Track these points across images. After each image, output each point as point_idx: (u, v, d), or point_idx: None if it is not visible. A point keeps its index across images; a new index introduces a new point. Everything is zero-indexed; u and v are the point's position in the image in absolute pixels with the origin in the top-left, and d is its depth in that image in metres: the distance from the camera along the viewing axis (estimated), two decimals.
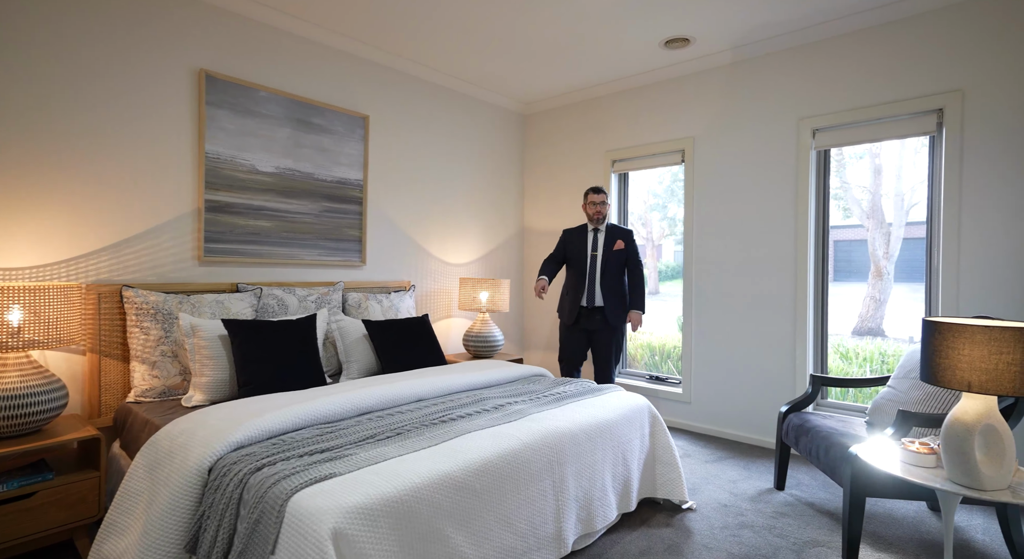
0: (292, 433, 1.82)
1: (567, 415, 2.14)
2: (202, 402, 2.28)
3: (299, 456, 1.60)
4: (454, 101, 4.11)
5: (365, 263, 3.52)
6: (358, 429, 1.86)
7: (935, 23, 2.83)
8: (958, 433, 1.52)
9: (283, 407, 1.93)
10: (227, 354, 2.37)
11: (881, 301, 5.82)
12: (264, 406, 1.97)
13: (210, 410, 1.93)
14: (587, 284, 3.39)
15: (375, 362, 2.92)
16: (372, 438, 1.78)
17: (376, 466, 1.54)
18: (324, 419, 1.95)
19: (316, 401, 1.99)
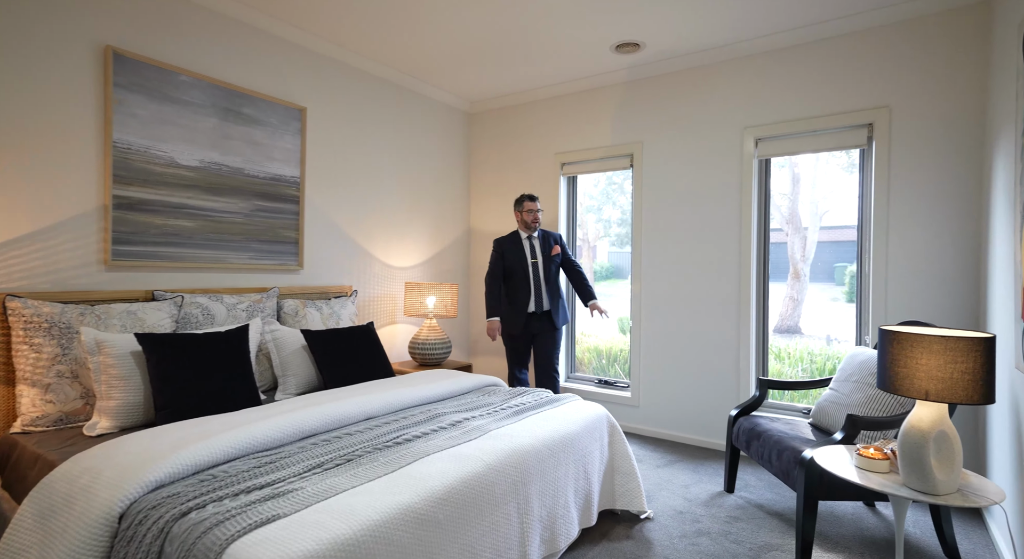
0: (224, 465, 1.59)
1: (529, 430, 2.03)
2: (110, 430, 1.98)
3: (234, 495, 1.39)
4: (398, 96, 3.91)
5: (303, 267, 3.26)
6: (303, 457, 1.67)
7: (864, 42, 2.99)
8: (915, 440, 1.56)
9: (212, 434, 1.70)
10: (141, 373, 2.07)
11: (799, 301, 6.21)
12: (188, 434, 1.72)
13: (121, 441, 1.66)
14: (533, 291, 3.50)
15: (315, 376, 2.69)
16: (320, 467, 1.59)
17: (327, 502, 1.36)
18: (262, 446, 1.73)
19: (252, 426, 1.77)
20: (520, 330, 3.50)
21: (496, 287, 3.55)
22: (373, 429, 1.96)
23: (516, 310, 3.51)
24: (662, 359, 3.67)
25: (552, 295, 3.53)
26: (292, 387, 2.60)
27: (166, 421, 1.98)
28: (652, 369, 3.71)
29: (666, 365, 3.65)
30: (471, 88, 4.15)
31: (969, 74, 2.72)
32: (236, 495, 1.39)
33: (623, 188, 5.35)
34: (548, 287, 3.52)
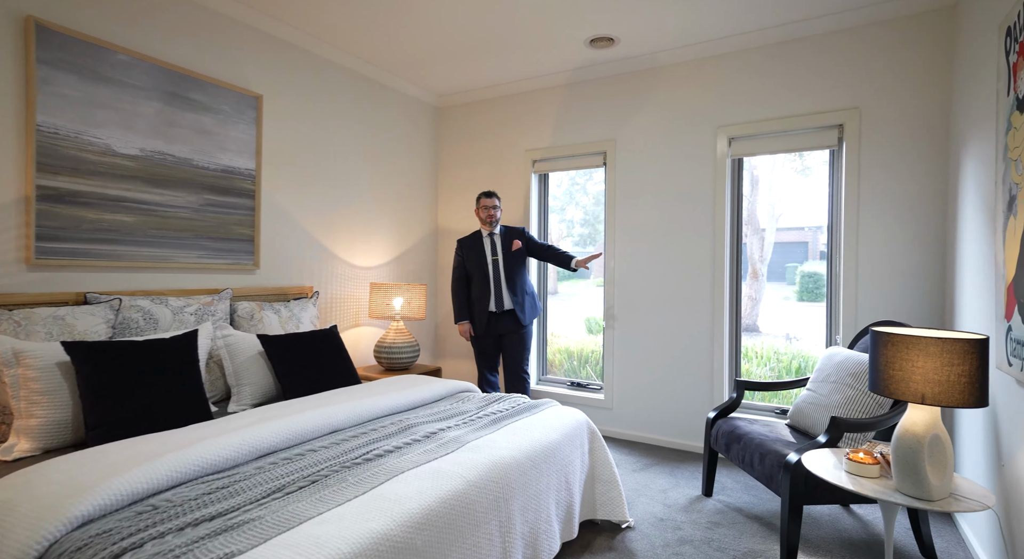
0: (168, 493, 1.39)
1: (509, 440, 1.91)
2: (30, 453, 1.73)
3: (179, 529, 1.21)
4: (363, 87, 3.71)
5: (259, 266, 3.02)
6: (260, 479, 1.48)
7: (834, 44, 3.00)
8: (910, 445, 1.52)
9: (154, 456, 1.49)
10: (69, 387, 1.83)
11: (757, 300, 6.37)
12: (125, 456, 1.51)
13: (43, 467, 1.44)
14: (493, 289, 3.41)
15: (274, 385, 2.48)
16: (280, 491, 1.42)
17: (290, 534, 1.19)
18: (213, 468, 1.53)
19: (201, 445, 1.57)
20: (483, 330, 3.42)
21: (460, 290, 3.51)
22: (340, 444, 1.79)
23: (478, 310, 3.45)
24: (636, 360, 3.61)
25: (515, 292, 3.42)
26: (247, 397, 2.38)
27: (99, 442, 1.75)
28: (626, 370, 3.65)
29: (640, 366, 3.60)
30: (440, 81, 3.99)
31: (934, 77, 2.77)
32: (182, 529, 1.21)
33: (586, 189, 5.31)
34: (509, 284, 3.42)
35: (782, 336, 5.51)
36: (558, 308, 5.17)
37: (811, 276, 6.60)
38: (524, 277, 3.50)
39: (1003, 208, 1.71)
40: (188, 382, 2.04)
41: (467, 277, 3.54)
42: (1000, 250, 1.74)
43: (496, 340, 3.50)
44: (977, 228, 2.16)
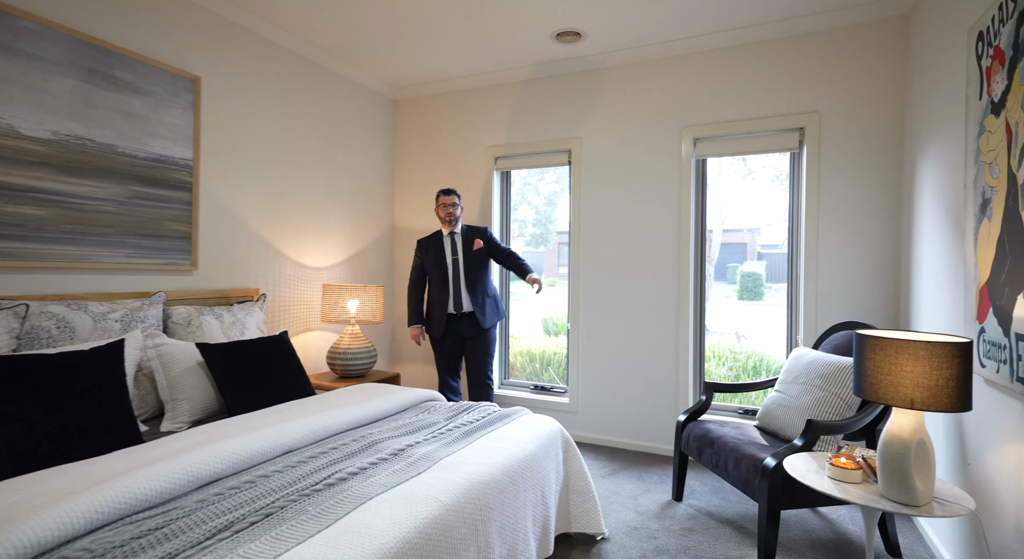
0: (87, 539, 1.16)
1: (485, 455, 1.77)
2: None
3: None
4: (314, 75, 3.46)
5: (197, 267, 2.73)
6: (204, 515, 1.27)
7: (796, 48, 3.04)
8: (897, 451, 1.50)
9: (69, 494, 1.25)
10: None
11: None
12: (32, 496, 1.26)
13: None
14: (452, 290, 3.28)
15: (216, 399, 2.22)
16: (228, 529, 1.22)
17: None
18: (144, 504, 1.31)
19: (130, 476, 1.34)
20: (442, 333, 3.29)
21: (415, 292, 3.39)
22: (296, 467, 1.59)
23: (436, 312, 3.31)
24: (600, 362, 3.55)
25: (475, 294, 3.29)
26: (184, 414, 2.12)
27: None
28: (590, 373, 3.59)
29: (605, 368, 3.54)
30: (397, 72, 3.78)
31: (890, 83, 2.85)
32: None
33: (538, 189, 5.24)
34: (469, 285, 3.29)
35: (730, 334, 5.64)
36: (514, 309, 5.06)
37: (750, 276, 6.82)
38: (486, 279, 3.38)
39: (974, 211, 1.73)
40: (112, 400, 1.77)
41: (425, 278, 3.41)
42: (971, 252, 1.76)
43: (458, 344, 3.36)
44: (937, 231, 2.21)
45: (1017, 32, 1.46)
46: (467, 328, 3.31)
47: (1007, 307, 1.50)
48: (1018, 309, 1.44)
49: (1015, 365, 1.45)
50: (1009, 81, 1.50)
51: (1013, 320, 1.46)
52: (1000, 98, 1.56)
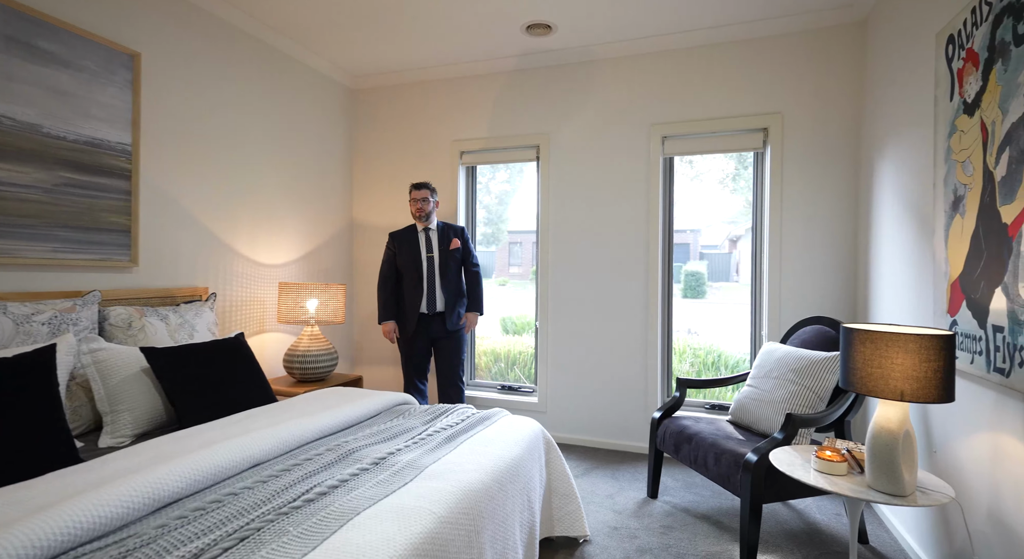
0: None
1: (472, 461, 1.67)
2: None
3: None
4: (267, 58, 3.23)
5: (137, 263, 2.47)
6: (167, 543, 1.11)
7: (760, 51, 3.12)
8: (887, 442, 1.53)
9: (1, 527, 1.06)
10: None
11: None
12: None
13: None
14: (426, 289, 3.16)
15: (163, 410, 2.01)
16: (199, 558, 1.07)
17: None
18: (91, 534, 1.13)
19: (70, 503, 1.15)
20: (412, 333, 3.16)
21: (387, 287, 3.22)
22: (268, 482, 1.44)
23: (408, 311, 3.18)
24: (569, 360, 3.52)
25: (450, 294, 3.18)
26: (126, 427, 1.89)
27: None
28: (559, 371, 3.54)
29: (573, 367, 3.51)
30: (356, 60, 3.60)
31: (848, 86, 2.96)
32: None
33: (489, 188, 5.18)
34: (444, 285, 3.17)
35: (681, 331, 5.78)
36: None
37: (693, 275, 7.05)
38: (461, 279, 3.27)
39: (945, 208, 1.80)
40: (44, 414, 1.55)
41: (397, 274, 3.25)
42: (941, 248, 1.83)
43: (428, 344, 3.23)
44: (899, 228, 2.30)
45: (993, 35, 1.52)
46: (439, 328, 3.19)
47: (983, 301, 1.55)
48: (995, 302, 1.49)
49: (992, 356, 1.51)
50: (984, 82, 1.56)
51: (990, 313, 1.52)
52: (974, 99, 1.62)
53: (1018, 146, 1.39)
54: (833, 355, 2.28)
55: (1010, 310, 1.42)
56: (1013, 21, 1.42)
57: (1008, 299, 1.42)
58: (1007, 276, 1.43)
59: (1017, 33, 1.40)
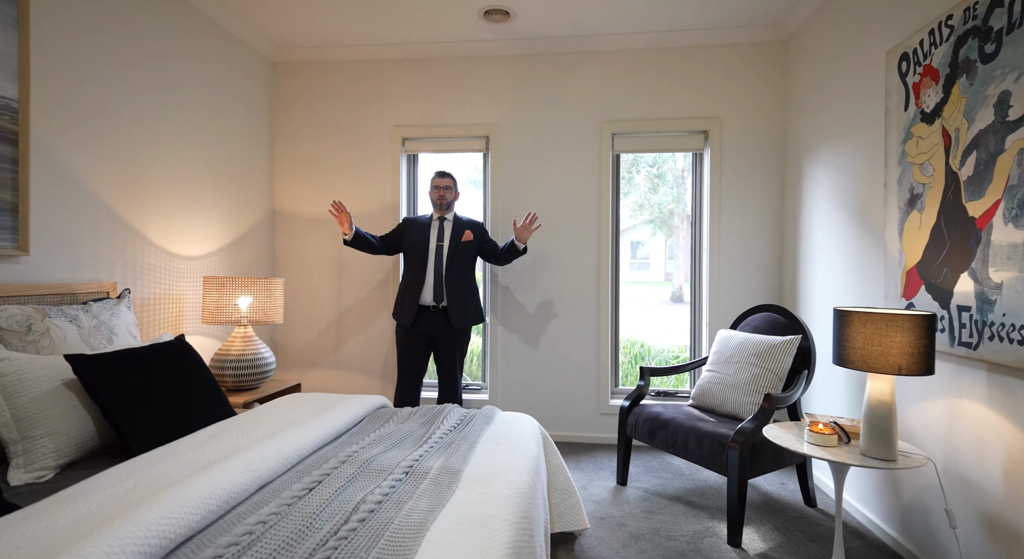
0: None
1: (507, 463, 1.55)
2: None
3: None
4: (184, 14, 2.75)
5: (27, 251, 1.95)
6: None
7: (702, 58, 3.33)
8: (882, 414, 1.69)
9: None
10: None
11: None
12: None
13: None
14: (432, 279, 2.92)
15: (94, 432, 1.60)
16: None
17: None
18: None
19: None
20: (411, 322, 2.89)
21: (372, 236, 3.03)
22: (294, 504, 1.20)
23: (408, 299, 2.92)
24: (520, 356, 3.47)
25: (455, 289, 2.91)
26: (47, 456, 1.48)
27: None
28: (509, 367, 3.48)
29: (524, 362, 3.47)
30: (283, 28, 3.21)
31: (774, 96, 3.27)
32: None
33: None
34: (450, 277, 2.91)
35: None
36: None
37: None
38: (470, 275, 3.02)
39: (900, 205, 2.05)
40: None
41: (390, 245, 3.06)
42: (894, 240, 2.08)
43: (426, 346, 2.96)
44: (838, 222, 2.59)
45: (955, 53, 1.76)
46: (439, 326, 2.92)
47: (946, 285, 1.79)
48: (960, 286, 1.72)
49: (957, 332, 1.74)
50: (946, 94, 1.80)
51: (954, 295, 1.75)
52: (934, 108, 1.86)
53: (987, 149, 1.62)
54: (789, 338, 2.49)
55: (978, 291, 1.65)
56: (979, 42, 1.65)
57: (976, 282, 1.65)
58: (975, 263, 1.66)
59: (984, 53, 1.63)
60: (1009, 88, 1.54)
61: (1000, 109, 1.57)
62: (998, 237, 1.58)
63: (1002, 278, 1.56)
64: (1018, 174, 1.51)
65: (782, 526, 2.29)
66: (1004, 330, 1.55)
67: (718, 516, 2.38)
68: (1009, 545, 1.57)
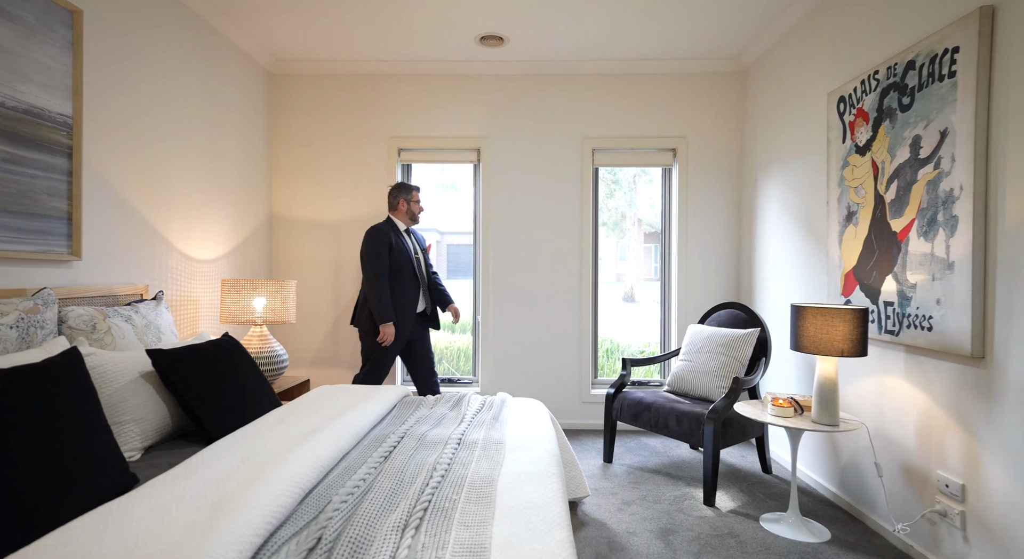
0: None
1: (535, 434, 1.86)
2: None
3: None
4: (192, 25, 2.90)
5: (80, 256, 2.10)
6: (360, 523, 1.14)
7: (671, 84, 3.75)
8: (829, 388, 2.12)
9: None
10: None
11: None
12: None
13: None
14: (422, 288, 3.19)
15: (169, 419, 1.80)
16: (406, 528, 1.12)
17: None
18: (271, 529, 1.10)
19: (225, 522, 1.10)
20: (405, 334, 3.10)
21: (387, 283, 3.00)
22: (380, 469, 1.47)
23: (406, 312, 3.08)
24: (507, 352, 3.78)
25: (434, 292, 3.31)
26: (135, 439, 1.68)
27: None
28: (498, 362, 3.79)
29: (512, 357, 3.78)
30: (281, 40, 3.38)
31: (731, 121, 3.73)
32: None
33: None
34: (429, 284, 3.27)
35: None
36: None
37: None
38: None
39: (839, 220, 2.50)
40: (88, 431, 1.34)
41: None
42: (835, 248, 2.53)
43: (404, 345, 3.19)
44: (788, 233, 3.05)
45: (881, 101, 2.21)
46: (418, 329, 3.21)
47: (875, 285, 2.24)
48: (886, 286, 2.17)
49: (883, 322, 2.19)
50: (874, 133, 2.25)
51: (881, 293, 2.20)
52: (865, 144, 2.31)
53: (904, 179, 2.07)
54: (750, 331, 2.93)
55: (899, 290, 2.10)
56: (898, 95, 2.11)
57: (898, 283, 2.10)
58: (897, 268, 2.11)
59: (902, 103, 2.08)
60: (920, 133, 1.99)
61: (914, 148, 2.02)
62: (913, 248, 2.03)
63: (916, 280, 2.01)
64: (927, 200, 1.96)
65: (746, 489, 2.71)
66: (917, 320, 2.00)
67: (693, 484, 2.78)
68: (919, 485, 2.02)
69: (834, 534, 2.24)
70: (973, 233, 1.76)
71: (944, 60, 1.87)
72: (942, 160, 1.89)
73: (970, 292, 1.76)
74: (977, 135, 1.75)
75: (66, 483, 1.18)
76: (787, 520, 2.28)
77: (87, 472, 1.25)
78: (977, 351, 1.76)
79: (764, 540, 2.18)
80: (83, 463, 1.25)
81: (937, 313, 1.90)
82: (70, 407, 1.30)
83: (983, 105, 1.74)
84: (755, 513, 2.43)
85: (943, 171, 1.88)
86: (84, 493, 1.23)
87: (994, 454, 1.71)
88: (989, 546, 1.73)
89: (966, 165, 1.78)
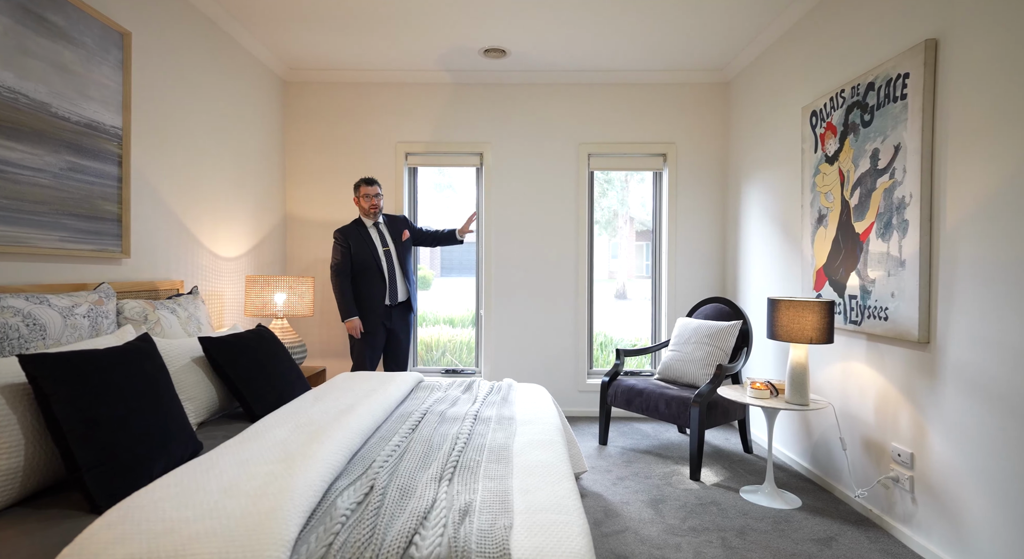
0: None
1: (540, 411, 2.12)
2: None
3: None
4: (214, 38, 3.12)
5: (128, 255, 2.33)
6: (405, 471, 1.38)
7: (661, 93, 4.01)
8: (801, 371, 2.39)
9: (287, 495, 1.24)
10: (19, 418, 1.26)
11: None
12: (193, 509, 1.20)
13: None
14: (388, 282, 3.37)
15: (216, 399, 2.04)
16: (441, 479, 1.37)
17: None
18: (333, 476, 1.34)
19: (306, 462, 1.34)
20: (376, 326, 3.33)
21: (346, 282, 3.29)
22: (411, 437, 1.72)
23: (371, 307, 3.34)
24: (508, 345, 4.04)
25: (407, 283, 3.48)
26: (190, 414, 1.91)
27: (101, 484, 1.28)
28: (500, 355, 4.04)
29: (512, 350, 4.04)
30: (295, 49, 3.59)
31: (717, 130, 4.00)
32: None
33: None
34: (403, 275, 3.45)
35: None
36: None
37: None
38: (412, 266, 3.58)
39: (811, 222, 2.77)
40: (165, 404, 1.58)
41: (353, 270, 3.33)
42: (808, 248, 2.80)
43: (384, 336, 3.43)
44: (767, 234, 3.32)
45: (846, 117, 2.48)
46: (397, 318, 3.43)
47: (841, 280, 2.51)
48: (851, 281, 2.45)
49: (848, 314, 2.46)
50: (841, 145, 2.52)
51: (847, 288, 2.47)
52: (833, 154, 2.58)
53: (866, 187, 2.34)
54: (733, 323, 3.20)
55: (861, 285, 2.37)
56: (860, 112, 2.38)
57: (860, 279, 2.38)
58: (859, 265, 2.38)
59: (864, 120, 2.35)
60: (878, 147, 2.26)
61: (873, 160, 2.30)
62: (873, 248, 2.30)
63: (875, 276, 2.28)
64: (884, 205, 2.23)
65: (728, 466, 2.99)
66: (875, 311, 2.28)
67: (681, 463, 3.05)
68: (877, 456, 2.30)
69: (805, 502, 2.51)
70: (920, 235, 2.03)
71: (897, 84, 2.14)
72: (896, 171, 2.16)
73: (917, 286, 2.04)
74: (923, 150, 2.02)
75: (163, 441, 1.42)
76: (763, 491, 2.55)
77: (170, 435, 1.49)
78: (923, 337, 2.03)
79: (743, 508, 2.45)
80: (167, 427, 1.49)
81: (892, 305, 2.18)
82: (153, 381, 1.54)
83: (928, 124, 2.01)
84: (736, 486, 2.71)
85: (897, 181, 2.16)
86: (175, 450, 1.48)
87: (936, 425, 1.99)
88: (933, 504, 2.01)
89: (915, 176, 2.05)
